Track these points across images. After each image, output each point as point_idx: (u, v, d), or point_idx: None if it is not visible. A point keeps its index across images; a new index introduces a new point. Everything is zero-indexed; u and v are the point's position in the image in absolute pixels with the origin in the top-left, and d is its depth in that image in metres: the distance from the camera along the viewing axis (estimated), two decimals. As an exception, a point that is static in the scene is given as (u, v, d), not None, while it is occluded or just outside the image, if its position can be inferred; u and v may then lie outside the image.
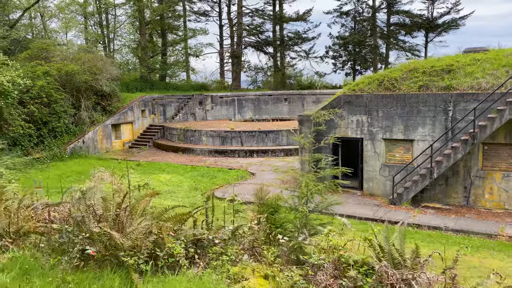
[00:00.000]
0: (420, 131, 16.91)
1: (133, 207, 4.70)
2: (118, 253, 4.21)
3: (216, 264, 4.08)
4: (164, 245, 4.22)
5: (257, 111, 39.56)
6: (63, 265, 4.32)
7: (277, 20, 46.69)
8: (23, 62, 29.09)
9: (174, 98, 37.38)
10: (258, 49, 50.48)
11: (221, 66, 52.32)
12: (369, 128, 17.91)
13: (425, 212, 15.83)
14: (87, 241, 4.46)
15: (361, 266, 4.18)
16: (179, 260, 4.15)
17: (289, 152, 28.00)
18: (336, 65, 48.55)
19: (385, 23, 44.94)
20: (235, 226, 4.84)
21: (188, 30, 47.02)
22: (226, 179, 22.30)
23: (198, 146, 29.83)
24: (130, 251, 4.26)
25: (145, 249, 4.19)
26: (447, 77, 16.96)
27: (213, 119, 37.88)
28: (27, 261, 4.39)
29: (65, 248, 4.65)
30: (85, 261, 4.33)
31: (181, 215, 4.71)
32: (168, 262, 4.15)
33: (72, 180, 21.39)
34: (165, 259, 4.17)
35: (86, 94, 30.66)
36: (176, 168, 24.99)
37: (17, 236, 5.29)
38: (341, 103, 18.41)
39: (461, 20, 42.50)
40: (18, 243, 5.19)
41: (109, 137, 31.36)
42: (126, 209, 4.60)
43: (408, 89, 17.31)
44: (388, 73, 18.61)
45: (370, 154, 18.05)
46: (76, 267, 4.26)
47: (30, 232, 5.58)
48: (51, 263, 4.44)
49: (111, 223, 4.49)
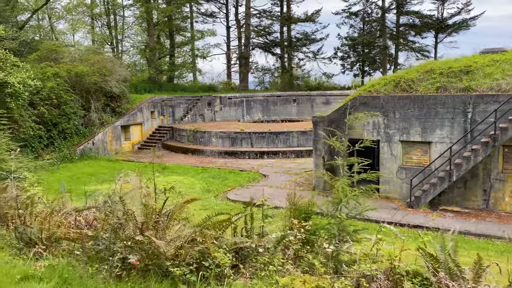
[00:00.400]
0: (438, 133, 16.64)
1: (173, 213, 4.51)
2: (161, 262, 4.03)
3: (264, 275, 3.89)
4: (209, 254, 4.04)
5: (265, 112, 39.37)
6: (103, 274, 4.14)
7: (285, 21, 46.49)
8: (32, 63, 29.06)
9: (183, 99, 37.27)
10: (266, 50, 50.31)
11: (228, 67, 52.20)
12: (385, 130, 17.67)
13: (444, 216, 15.56)
14: (127, 250, 4.28)
15: (414, 276, 3.98)
16: (224, 270, 3.96)
17: (300, 153, 27.78)
18: (345, 66, 48.29)
19: (395, 24, 44.63)
20: (281, 235, 4.65)
21: (196, 32, 46.93)
22: (238, 181, 22.10)
23: (208, 147, 29.67)
24: (172, 259, 4.08)
25: (191, 258, 4.00)
26: (465, 78, 16.69)
27: (221, 120, 37.72)
28: (66, 270, 4.22)
29: (103, 256, 4.48)
30: (126, 270, 4.15)
31: (221, 222, 4.52)
32: (214, 272, 3.95)
33: (84, 181, 21.28)
34: (211, 269, 3.98)
35: (96, 95, 30.60)
36: (187, 170, 24.82)
37: (49, 243, 5.13)
38: (356, 104, 18.18)
39: (471, 20, 42.16)
40: (51, 250, 5.02)
41: (118, 139, 31.27)
42: (168, 216, 4.42)
43: (426, 91, 17.05)
44: (404, 74, 18.36)
45: (387, 156, 17.81)
46: (118, 277, 4.09)
47: (61, 239, 5.41)
48: (90, 272, 4.26)
49: (151, 230, 4.30)
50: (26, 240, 5.14)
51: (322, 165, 19.36)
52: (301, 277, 3.78)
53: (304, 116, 38.53)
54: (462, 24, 42.47)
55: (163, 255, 4.04)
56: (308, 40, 48.35)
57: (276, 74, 52.66)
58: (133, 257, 4.10)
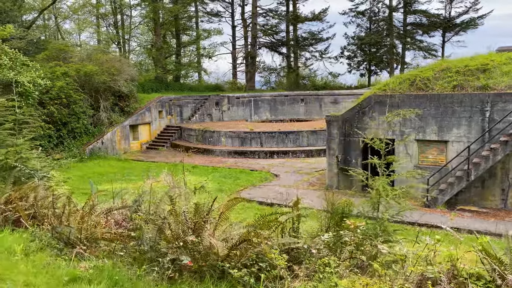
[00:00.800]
0: (455, 132, 16.48)
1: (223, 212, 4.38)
2: (215, 263, 3.90)
3: (322, 277, 3.77)
4: (264, 255, 3.91)
5: (273, 111, 39.23)
6: (153, 276, 4.02)
7: (292, 20, 46.32)
8: (41, 63, 29.02)
9: (190, 98, 37.17)
10: (273, 49, 50.14)
11: (233, 67, 52.06)
12: (401, 128, 17.51)
13: (462, 216, 15.40)
14: (176, 250, 4.15)
15: (477, 279, 3.85)
16: (280, 272, 3.83)
17: (310, 153, 27.64)
18: (351, 65, 48.08)
19: (402, 23, 44.41)
20: (337, 235, 4.52)
21: (203, 31, 46.83)
22: (250, 180, 21.98)
23: (217, 147, 29.55)
24: (223, 261, 3.95)
25: (246, 259, 3.87)
26: (482, 77, 16.52)
27: (229, 119, 37.59)
28: (115, 272, 4.09)
29: (149, 256, 4.35)
30: (178, 272, 4.03)
31: (269, 223, 4.39)
32: (271, 274, 3.83)
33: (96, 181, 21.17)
34: (268, 270, 3.86)
35: (105, 94, 30.53)
36: (198, 169, 24.72)
37: (89, 243, 5.01)
38: (371, 103, 18.04)
39: (479, 19, 41.88)
40: (91, 251, 4.90)
41: (127, 138, 31.19)
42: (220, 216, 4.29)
43: (442, 89, 16.89)
44: (419, 73, 18.20)
45: (402, 155, 17.64)
46: (170, 279, 3.97)
47: (98, 239, 5.29)
48: (138, 273, 4.14)
49: (200, 230, 4.18)
50: (65, 240, 5.03)
51: (336, 165, 19.22)
52: (361, 280, 3.65)
53: (312, 115, 38.36)
54: (470, 23, 42.21)
55: (216, 255, 3.91)
56: (315, 39, 48.18)
57: (282, 73, 52.50)
58: (186, 258, 3.98)
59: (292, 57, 50.01)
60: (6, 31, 25.18)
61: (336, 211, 6.19)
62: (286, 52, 50.46)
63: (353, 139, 18.60)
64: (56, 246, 4.96)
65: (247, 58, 49.50)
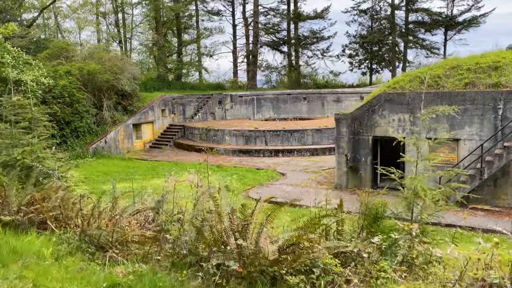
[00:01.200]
0: (467, 130, 16.32)
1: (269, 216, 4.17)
2: (264, 268, 3.70)
3: (379, 283, 3.57)
4: (317, 260, 3.71)
5: (275, 110, 39.02)
6: (198, 283, 3.82)
7: (294, 19, 46.10)
8: (43, 61, 28.73)
9: (193, 97, 36.93)
10: (274, 48, 49.93)
11: (234, 65, 51.82)
12: (411, 127, 17.32)
13: (475, 214, 15.24)
14: (223, 255, 3.94)
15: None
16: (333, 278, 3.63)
17: (315, 151, 27.46)
18: (353, 64, 47.90)
19: (404, 21, 44.25)
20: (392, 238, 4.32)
21: (204, 30, 46.58)
22: (257, 179, 21.78)
23: (222, 145, 29.33)
24: (273, 266, 3.75)
25: (299, 264, 3.67)
26: (494, 74, 16.36)
27: (232, 118, 37.37)
28: (156, 278, 3.89)
29: (189, 261, 4.15)
30: (225, 278, 3.82)
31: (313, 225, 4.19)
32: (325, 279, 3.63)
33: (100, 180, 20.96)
34: (322, 276, 3.66)
35: (108, 93, 30.27)
36: (203, 168, 24.48)
37: (121, 246, 4.79)
38: (381, 101, 17.86)
39: (481, 17, 41.76)
40: (123, 254, 4.69)
41: (130, 137, 30.94)
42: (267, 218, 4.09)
43: (453, 87, 16.72)
44: (429, 70, 18.02)
45: (412, 153, 17.43)
46: (217, 286, 3.76)
47: (127, 241, 5.08)
48: (179, 279, 3.94)
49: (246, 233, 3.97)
50: (96, 243, 4.81)
51: (345, 163, 19.04)
52: (419, 285, 3.47)
53: (315, 114, 38.17)
54: (472, 21, 42.07)
55: (264, 260, 3.71)
56: (316, 38, 47.98)
57: (283, 72, 52.29)
58: (234, 263, 3.77)
59: (293, 56, 49.81)
60: (9, 29, 24.89)
61: (370, 212, 5.99)
62: (287, 50, 50.25)
63: (363, 137, 18.42)
64: (87, 249, 4.75)
65: (248, 57, 49.27)
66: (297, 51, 49.26)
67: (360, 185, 18.84)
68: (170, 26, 45.87)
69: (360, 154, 18.57)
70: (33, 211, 5.70)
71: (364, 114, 18.32)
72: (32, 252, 4.68)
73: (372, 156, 18.38)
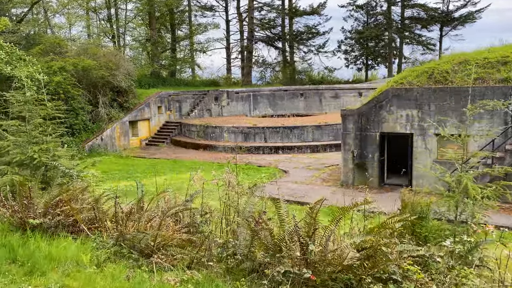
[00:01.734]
0: (476, 126, 16.15)
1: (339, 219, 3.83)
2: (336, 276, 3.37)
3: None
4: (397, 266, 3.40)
5: (272, 106, 38.66)
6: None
7: (290, 14, 45.73)
8: (36, 57, 27.97)
9: (189, 94, 36.40)
10: (269, 44, 49.52)
11: (228, 62, 51.32)
12: (419, 123, 17.13)
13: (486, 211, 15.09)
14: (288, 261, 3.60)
15: None
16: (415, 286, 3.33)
17: (315, 148, 27.19)
18: (349, 59, 47.75)
19: (400, 17, 44.20)
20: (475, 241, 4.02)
21: (199, 26, 45.96)
22: (259, 177, 21.44)
23: (220, 143, 28.91)
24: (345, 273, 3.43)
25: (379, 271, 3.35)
26: (503, 69, 16.22)
27: (228, 115, 36.94)
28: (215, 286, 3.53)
29: (245, 267, 3.79)
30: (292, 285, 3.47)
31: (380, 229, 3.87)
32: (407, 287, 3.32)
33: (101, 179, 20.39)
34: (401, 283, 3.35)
35: (103, 90, 29.62)
36: (203, 166, 24.07)
37: (165, 251, 4.41)
38: (389, 96, 17.62)
39: (477, 13, 41.88)
40: (168, 259, 4.31)
41: (126, 134, 30.36)
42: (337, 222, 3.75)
43: (462, 82, 16.55)
44: (437, 65, 17.85)
45: (421, 150, 17.29)
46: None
47: (166, 245, 4.70)
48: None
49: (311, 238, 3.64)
50: (137, 248, 4.42)
51: (352, 160, 18.79)
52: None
53: (312, 110, 37.90)
54: (468, 17, 42.18)
55: (339, 266, 3.38)
56: (312, 33, 47.68)
57: (277, 68, 51.89)
58: (307, 271, 3.42)
59: (288, 52, 49.46)
60: (1, 23, 24.16)
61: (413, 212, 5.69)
62: (282, 46, 49.89)
63: (370, 133, 18.17)
64: (129, 255, 4.36)
65: (243, 53, 48.80)
66: (292, 47, 48.94)
67: (366, 182, 18.60)
68: (164, 21, 45.20)
69: (367, 150, 18.33)
70: (59, 213, 5.28)
71: (371, 110, 18.07)
72: (70, 258, 4.28)
73: (379, 153, 18.16)
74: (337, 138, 28.31)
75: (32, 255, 4.30)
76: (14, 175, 6.48)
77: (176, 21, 44.94)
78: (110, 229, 4.86)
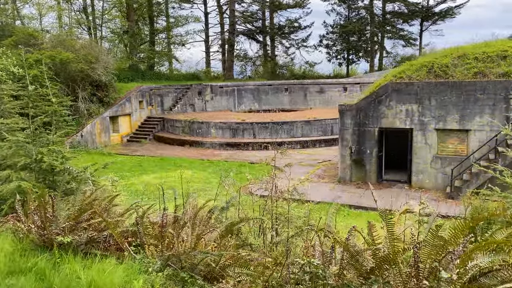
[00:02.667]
0: (477, 120, 16.01)
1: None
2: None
3: None
4: None
5: (257, 101, 37.96)
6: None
7: (273, 7, 45.01)
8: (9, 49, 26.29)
9: (171, 88, 35.24)
10: (250, 37, 48.68)
11: (207, 55, 50.18)
12: (419, 117, 16.87)
13: None
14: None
15: None
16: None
17: (305, 144, 26.75)
18: (330, 54, 47.51)
19: (381, 11, 44.23)
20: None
21: (180, 17, 44.65)
22: (253, 174, 20.66)
23: (207, 139, 28.05)
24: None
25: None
26: (503, 63, 16.11)
27: (213, 110, 36.04)
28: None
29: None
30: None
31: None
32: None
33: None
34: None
35: (82, 84, 28.18)
36: (193, 163, 23.22)
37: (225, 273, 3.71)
38: (388, 91, 17.27)
39: (456, 8, 42.37)
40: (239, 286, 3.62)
41: (107, 130, 29.05)
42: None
43: (463, 76, 16.35)
44: (435, 60, 17.60)
45: (421, 145, 17.04)
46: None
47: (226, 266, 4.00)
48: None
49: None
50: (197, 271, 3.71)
51: (349, 156, 18.39)
52: None
53: (298, 105, 37.44)
54: (448, 12, 42.62)
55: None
56: (293, 27, 47.14)
57: (257, 62, 51.11)
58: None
59: (269, 46, 48.78)
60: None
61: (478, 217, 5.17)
62: (263, 40, 49.14)
63: (368, 129, 17.79)
64: (191, 280, 3.63)
65: (224, 46, 47.79)
66: (273, 41, 48.29)
67: (364, 178, 18.28)
68: (142, 13, 43.67)
69: (365, 146, 17.95)
70: (86, 227, 4.49)
71: (370, 105, 17.69)
72: (118, 285, 3.53)
73: (378, 149, 17.82)
74: (326, 133, 27.99)
75: (70, 284, 3.53)
76: (21, 181, 5.60)
77: (154, 12, 43.46)
78: (154, 246, 4.12)
